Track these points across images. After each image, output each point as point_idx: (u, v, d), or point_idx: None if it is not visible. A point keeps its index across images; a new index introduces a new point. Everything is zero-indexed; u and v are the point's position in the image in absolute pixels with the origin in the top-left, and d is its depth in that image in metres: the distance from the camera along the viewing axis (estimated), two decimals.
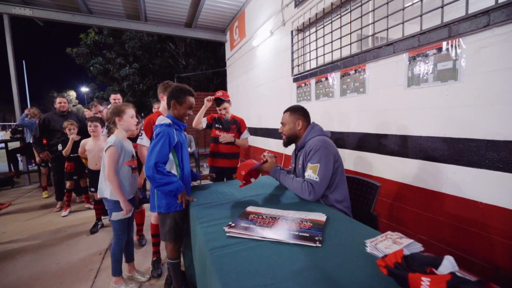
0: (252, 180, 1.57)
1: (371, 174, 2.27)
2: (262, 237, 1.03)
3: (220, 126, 2.71)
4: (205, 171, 5.89)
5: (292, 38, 3.38)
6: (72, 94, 32.65)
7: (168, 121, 1.54)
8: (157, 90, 2.17)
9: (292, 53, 3.40)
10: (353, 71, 2.41)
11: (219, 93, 2.69)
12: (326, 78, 2.79)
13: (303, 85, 3.24)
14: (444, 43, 1.63)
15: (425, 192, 1.81)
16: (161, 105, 2.09)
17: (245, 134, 2.79)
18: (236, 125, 2.75)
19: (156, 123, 1.57)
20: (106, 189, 1.71)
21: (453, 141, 1.61)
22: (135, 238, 2.50)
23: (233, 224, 1.14)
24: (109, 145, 1.67)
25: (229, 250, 0.95)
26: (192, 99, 1.60)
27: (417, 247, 0.87)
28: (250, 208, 1.34)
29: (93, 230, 2.81)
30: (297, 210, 1.31)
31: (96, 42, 14.07)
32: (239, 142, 2.72)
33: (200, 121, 2.61)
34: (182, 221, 1.59)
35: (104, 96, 14.55)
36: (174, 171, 1.52)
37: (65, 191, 3.39)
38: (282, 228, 1.09)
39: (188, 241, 1.65)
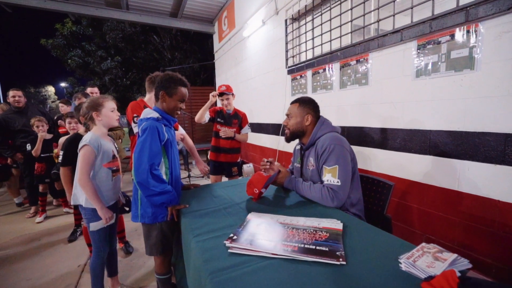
0: (263, 191, 1.39)
1: (375, 171, 2.14)
2: (272, 254, 0.85)
3: (222, 121, 2.65)
4: (194, 169, 5.65)
5: (286, 28, 3.19)
6: (51, 89, 30.84)
7: (155, 114, 1.31)
8: (141, 85, 1.95)
9: (286, 43, 3.21)
10: (354, 62, 2.26)
11: (222, 88, 2.63)
12: (324, 70, 2.63)
13: (298, 77, 3.07)
14: (459, 29, 1.50)
15: (436, 190, 1.70)
16: (147, 97, 1.84)
17: (246, 129, 2.73)
18: (238, 120, 2.69)
19: (141, 116, 1.34)
20: (81, 195, 1.46)
21: (468, 135, 1.50)
22: (118, 246, 2.27)
23: (234, 237, 0.96)
24: (83, 144, 1.42)
25: (234, 274, 0.77)
26: (184, 90, 1.37)
27: (464, 264, 0.72)
28: (252, 215, 1.16)
29: (71, 239, 2.52)
30: (307, 216, 1.14)
31: (73, 33, 13.23)
32: (239, 137, 2.66)
33: (204, 115, 2.53)
34: (172, 232, 1.38)
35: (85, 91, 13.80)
36: (163, 175, 1.30)
37: (39, 194, 3.06)
38: (295, 241, 0.92)
39: (180, 251, 1.45)
